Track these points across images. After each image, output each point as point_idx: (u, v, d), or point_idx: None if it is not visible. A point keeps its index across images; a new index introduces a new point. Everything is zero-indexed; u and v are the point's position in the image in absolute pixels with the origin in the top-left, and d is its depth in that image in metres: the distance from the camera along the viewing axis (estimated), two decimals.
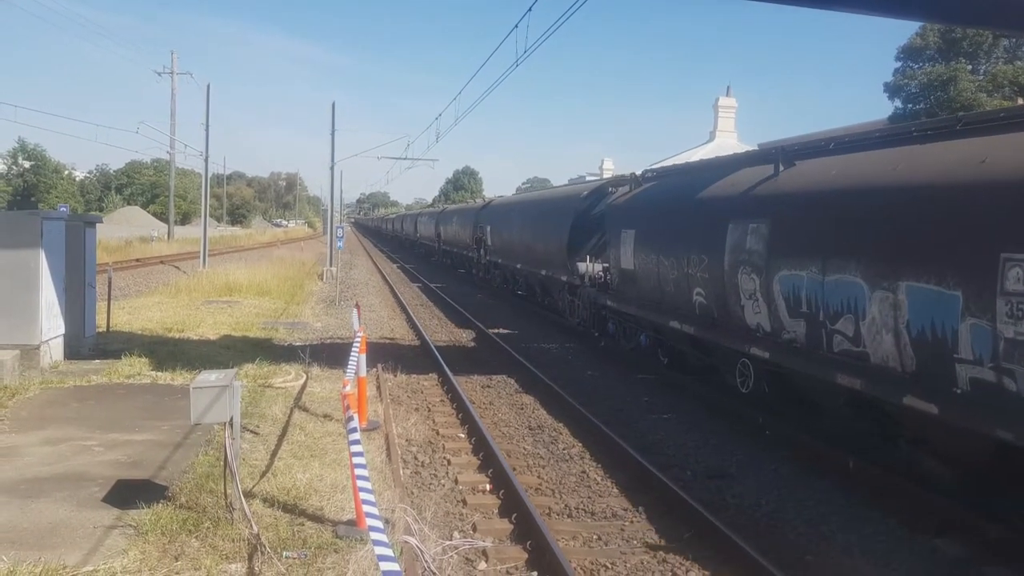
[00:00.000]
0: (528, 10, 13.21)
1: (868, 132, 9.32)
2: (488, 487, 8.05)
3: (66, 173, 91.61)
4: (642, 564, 6.35)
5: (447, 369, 13.28)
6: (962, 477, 7.36)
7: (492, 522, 7.13)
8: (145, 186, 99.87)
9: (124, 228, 61.41)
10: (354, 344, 9.26)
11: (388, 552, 3.33)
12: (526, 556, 6.36)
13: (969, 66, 34.82)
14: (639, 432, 10.26)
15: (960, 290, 6.60)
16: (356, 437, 5.31)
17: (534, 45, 13.86)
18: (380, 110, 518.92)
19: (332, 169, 37.53)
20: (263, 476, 7.26)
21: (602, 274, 16.35)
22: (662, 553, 6.52)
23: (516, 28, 13.86)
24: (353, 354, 8.61)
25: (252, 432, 8.68)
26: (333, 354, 13.54)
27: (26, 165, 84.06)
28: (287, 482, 7.08)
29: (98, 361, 12.40)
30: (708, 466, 8.90)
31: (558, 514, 7.45)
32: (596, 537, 6.88)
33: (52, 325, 11.93)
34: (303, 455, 8.04)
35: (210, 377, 6.12)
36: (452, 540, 6.58)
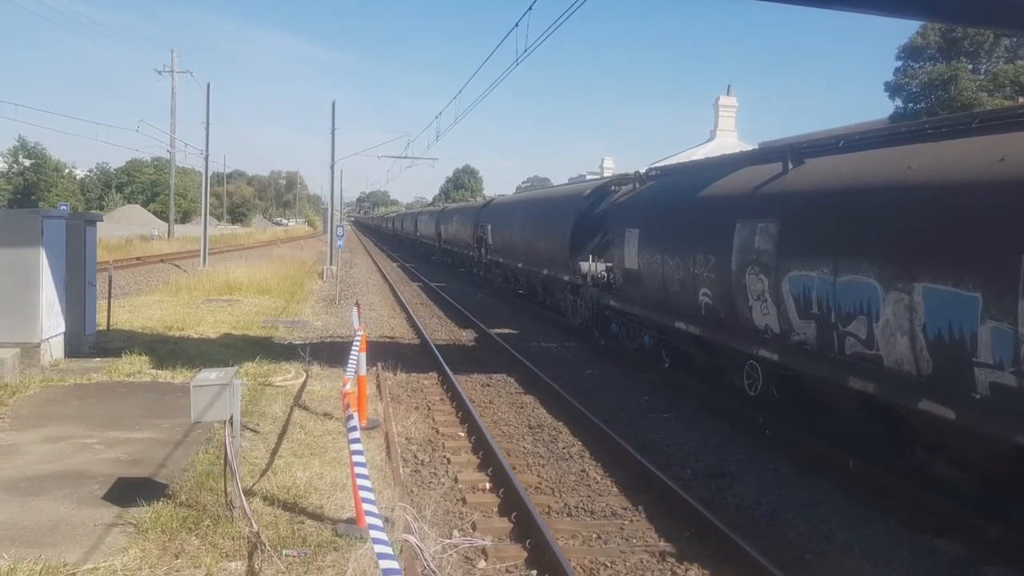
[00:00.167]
0: (528, 9, 13.22)
1: (879, 130, 9.07)
2: (488, 486, 8.05)
3: (66, 171, 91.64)
4: (641, 563, 6.35)
5: (447, 368, 13.28)
6: (979, 483, 7.18)
7: (492, 521, 7.13)
8: (145, 184, 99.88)
9: (124, 226, 61.43)
10: (354, 343, 9.25)
11: (388, 550, 3.33)
12: (525, 555, 6.37)
13: (970, 65, 34.79)
14: (639, 431, 10.26)
15: (980, 292, 6.38)
16: (356, 435, 5.31)
17: (534, 44, 13.89)
18: (380, 109, 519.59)
19: (332, 168, 37.57)
20: (263, 474, 7.27)
21: (605, 274, 16.19)
22: (661, 552, 6.52)
23: (516, 27, 13.88)
24: (353, 353, 8.60)
25: (252, 430, 8.69)
26: (333, 353, 13.55)
27: (27, 163, 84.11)
28: (287, 480, 7.08)
29: (98, 359, 12.40)
30: (708, 465, 8.90)
31: (558, 513, 7.45)
32: (596, 536, 6.89)
33: (52, 323, 11.94)
34: (303, 453, 8.05)
35: (210, 375, 6.12)
36: (452, 538, 6.59)
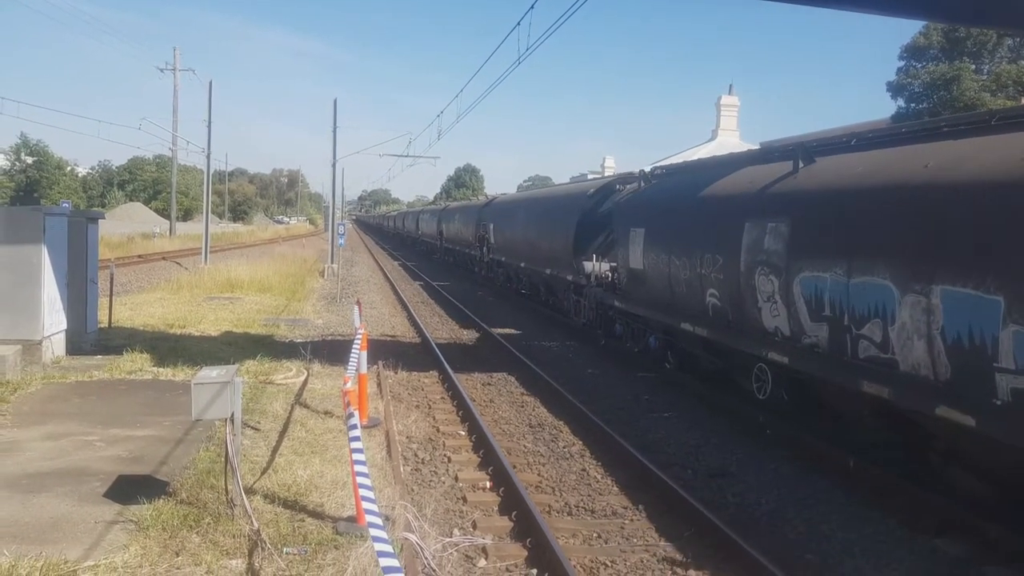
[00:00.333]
0: (530, 8, 13.22)
1: (892, 127, 8.84)
2: (488, 484, 8.05)
3: (68, 169, 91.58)
4: (642, 562, 6.35)
5: (448, 366, 13.29)
6: (999, 492, 6.96)
7: (492, 519, 7.13)
8: (147, 182, 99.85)
9: (126, 224, 61.45)
10: (355, 341, 9.26)
11: (388, 549, 3.33)
12: (526, 553, 6.37)
13: (973, 65, 34.72)
14: (640, 430, 10.26)
15: (1002, 295, 6.18)
16: (356, 434, 5.31)
17: (536, 43, 13.85)
18: (382, 107, 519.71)
19: (334, 166, 37.63)
20: (264, 472, 7.28)
21: (609, 274, 16.06)
22: (662, 551, 6.53)
23: (518, 26, 13.88)
24: (354, 351, 8.60)
25: (253, 428, 8.70)
26: (334, 351, 13.56)
27: (29, 161, 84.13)
28: (288, 478, 7.09)
29: (100, 357, 12.42)
30: (709, 465, 8.90)
31: (558, 512, 7.46)
32: (596, 535, 6.89)
33: (54, 321, 11.96)
34: (304, 451, 8.06)
35: (211, 373, 6.13)
36: (452, 537, 6.59)
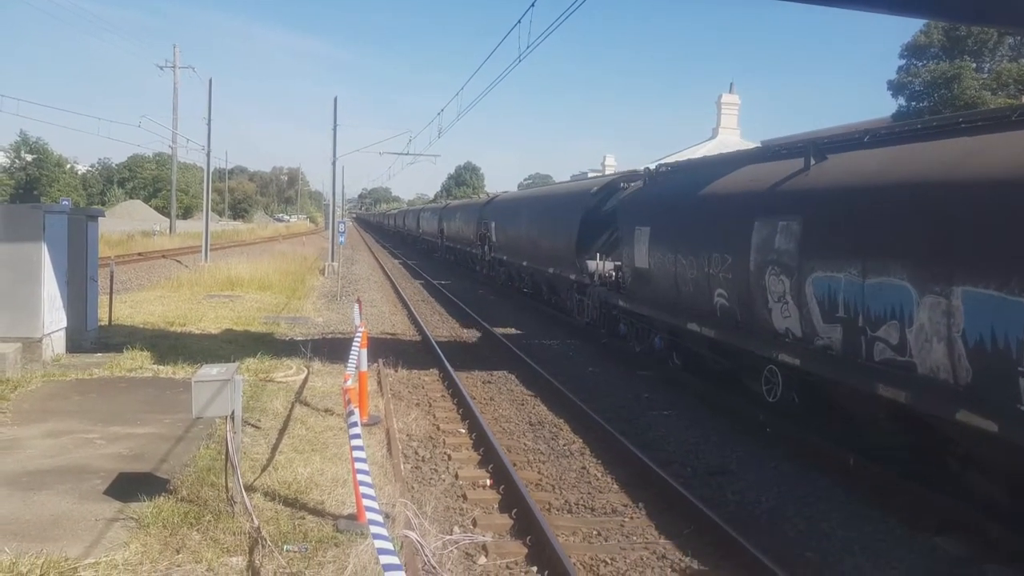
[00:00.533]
0: (531, 6, 13.23)
1: (909, 123, 8.70)
2: (488, 482, 8.06)
3: (68, 167, 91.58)
4: (642, 560, 6.36)
5: (448, 365, 13.29)
6: (1021, 499, 6.74)
7: (492, 517, 7.14)
8: (147, 180, 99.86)
9: (126, 222, 61.45)
10: (355, 339, 9.26)
11: (388, 546, 3.33)
12: (526, 551, 6.37)
13: (973, 64, 34.69)
14: (640, 428, 10.26)
15: None
16: (357, 432, 5.31)
17: (536, 41, 13.87)
18: (382, 106, 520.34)
19: (334, 164, 37.65)
20: (264, 470, 7.28)
21: (613, 273, 15.91)
22: (662, 549, 6.53)
23: (519, 24, 13.88)
24: (354, 349, 8.60)
25: (253, 426, 8.70)
26: (334, 349, 13.57)
27: (28, 159, 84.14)
28: (288, 476, 7.10)
29: (100, 354, 12.43)
30: (709, 463, 8.91)
31: (558, 510, 7.46)
32: (596, 533, 6.90)
33: (54, 318, 11.95)
34: (304, 449, 8.06)
35: (211, 371, 6.13)
36: (452, 535, 6.60)
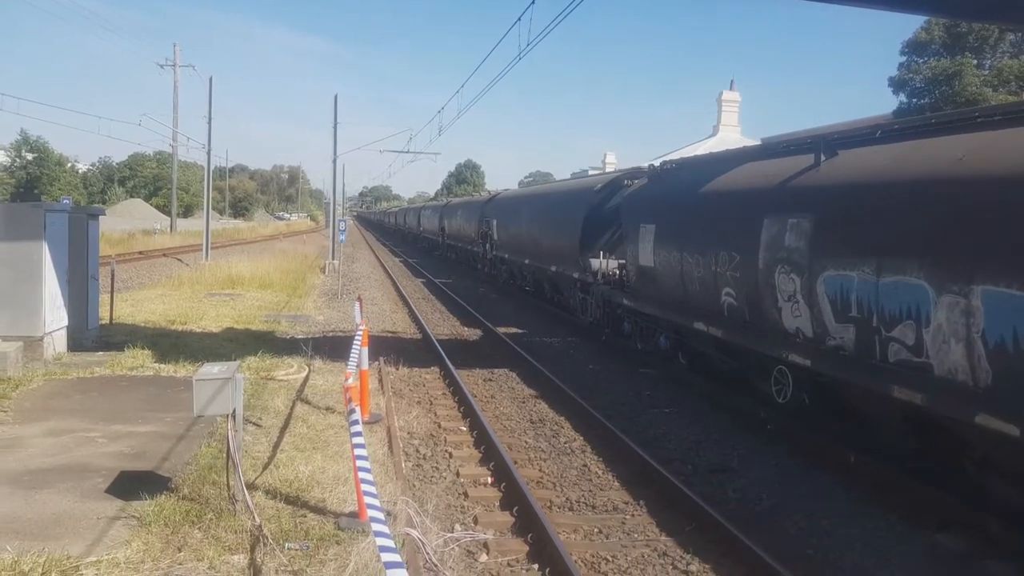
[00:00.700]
0: (531, 3, 13.21)
1: (923, 118, 8.46)
2: (490, 480, 8.07)
3: (69, 165, 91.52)
4: (643, 557, 6.37)
5: (449, 363, 13.29)
6: None
7: (493, 515, 7.15)
8: (148, 179, 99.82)
9: (127, 221, 61.44)
10: (356, 337, 9.27)
11: (390, 544, 3.34)
12: (527, 549, 6.38)
13: (974, 60, 34.59)
14: (640, 426, 10.27)
15: None
16: (358, 429, 5.32)
17: (537, 38, 13.87)
18: (382, 104, 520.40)
19: (335, 162, 37.61)
20: (265, 468, 7.29)
21: (617, 271, 15.76)
22: (663, 546, 6.54)
23: (519, 21, 13.87)
24: (355, 347, 8.61)
25: (254, 424, 8.71)
26: (335, 347, 13.57)
27: (29, 157, 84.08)
28: (289, 474, 7.10)
29: (101, 353, 12.44)
30: (709, 460, 8.91)
31: (559, 507, 7.47)
32: (597, 530, 6.91)
33: (55, 317, 11.96)
34: (305, 447, 8.07)
35: (213, 369, 6.14)
36: (453, 532, 6.61)
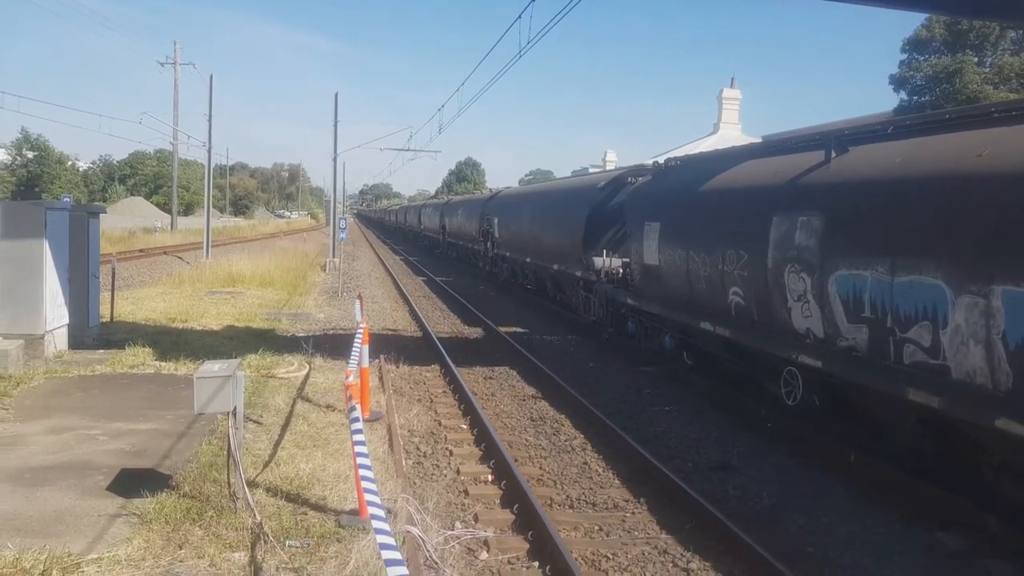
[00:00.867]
0: (531, 1, 13.19)
1: (936, 113, 8.38)
2: (490, 478, 8.08)
3: (69, 164, 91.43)
4: (643, 555, 6.37)
5: (449, 361, 13.30)
6: None
7: (494, 512, 7.16)
8: (148, 177, 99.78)
9: (127, 219, 61.47)
10: (357, 335, 9.27)
11: (390, 541, 3.34)
12: (527, 546, 6.39)
13: (975, 58, 34.56)
14: (641, 424, 10.27)
15: None
16: (359, 427, 5.32)
17: (537, 36, 13.85)
18: (383, 102, 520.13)
19: (335, 160, 37.56)
20: (266, 466, 7.30)
21: (621, 269, 15.64)
22: (663, 544, 6.54)
23: (519, 19, 13.85)
24: (356, 345, 8.62)
25: (255, 422, 8.72)
26: (336, 345, 13.58)
27: (30, 155, 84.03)
28: (290, 472, 7.11)
29: (102, 351, 12.45)
30: (710, 458, 8.92)
31: (560, 505, 7.47)
32: (597, 528, 6.91)
33: (56, 315, 11.97)
34: (306, 445, 8.08)
35: (213, 367, 6.15)
36: (454, 530, 6.61)
